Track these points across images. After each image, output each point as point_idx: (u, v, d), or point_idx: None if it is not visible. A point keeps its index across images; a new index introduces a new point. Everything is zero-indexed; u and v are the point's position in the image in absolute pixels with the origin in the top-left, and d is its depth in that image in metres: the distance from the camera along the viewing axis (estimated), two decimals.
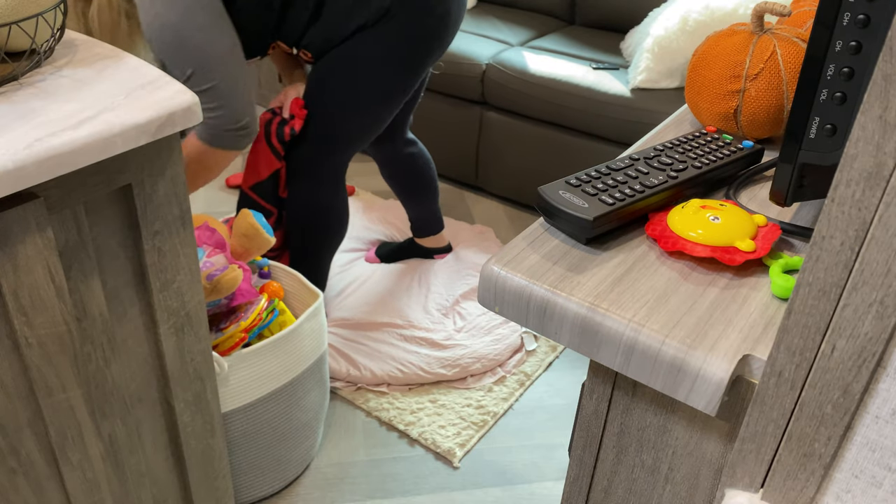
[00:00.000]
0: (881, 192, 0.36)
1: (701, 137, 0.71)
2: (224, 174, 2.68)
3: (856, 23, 0.49)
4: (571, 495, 0.68)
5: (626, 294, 0.54)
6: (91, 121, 0.78)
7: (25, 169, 0.72)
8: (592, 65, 2.32)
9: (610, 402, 0.61)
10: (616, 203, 0.60)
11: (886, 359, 0.40)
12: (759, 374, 0.49)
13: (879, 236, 0.37)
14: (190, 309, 1.00)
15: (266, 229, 1.39)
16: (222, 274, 1.24)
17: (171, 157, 0.88)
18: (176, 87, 0.86)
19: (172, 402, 1.04)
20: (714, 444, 0.56)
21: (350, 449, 1.63)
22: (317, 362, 1.44)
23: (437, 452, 1.63)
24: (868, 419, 0.42)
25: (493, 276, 0.57)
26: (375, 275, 2.13)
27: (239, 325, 1.29)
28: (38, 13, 0.82)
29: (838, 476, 0.45)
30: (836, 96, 0.52)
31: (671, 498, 0.61)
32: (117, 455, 0.99)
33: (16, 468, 0.87)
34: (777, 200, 0.59)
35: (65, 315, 0.83)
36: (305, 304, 1.51)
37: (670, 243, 0.58)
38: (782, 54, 0.71)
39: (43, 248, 0.78)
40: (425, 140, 2.61)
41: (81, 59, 0.92)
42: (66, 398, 0.87)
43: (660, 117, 2.10)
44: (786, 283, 0.53)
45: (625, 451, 0.62)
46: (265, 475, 1.46)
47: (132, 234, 0.90)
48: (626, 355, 0.52)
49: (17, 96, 0.82)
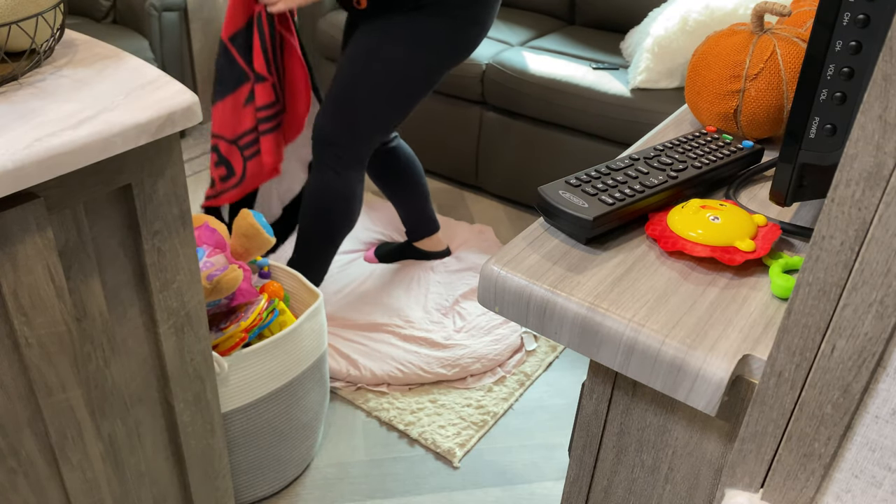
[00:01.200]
0: (881, 191, 0.36)
1: (701, 137, 0.71)
2: None
3: (856, 22, 0.49)
4: (571, 495, 0.68)
5: (626, 294, 0.54)
6: (91, 121, 0.78)
7: (25, 169, 0.72)
8: (592, 65, 2.32)
9: (610, 402, 0.61)
10: (616, 203, 0.60)
11: (886, 358, 0.40)
12: (759, 373, 0.49)
13: (879, 236, 0.37)
14: (190, 309, 1.00)
15: (266, 229, 1.39)
16: (222, 274, 1.24)
17: (170, 156, 0.88)
18: (176, 87, 0.86)
19: (172, 401, 1.04)
20: (714, 444, 0.56)
21: (350, 449, 1.63)
22: (317, 362, 1.44)
23: (437, 452, 1.63)
24: (868, 419, 0.42)
25: (493, 276, 0.57)
26: (375, 275, 2.13)
27: (239, 325, 1.29)
28: (37, 13, 0.82)
29: (838, 476, 0.45)
30: (836, 96, 0.52)
31: (671, 498, 0.61)
32: (117, 455, 0.99)
33: (16, 468, 0.87)
34: (777, 200, 0.59)
35: (64, 315, 0.83)
36: (305, 304, 1.51)
37: (670, 243, 0.58)
38: (782, 54, 0.71)
39: (43, 248, 0.78)
40: (425, 140, 2.61)
41: (81, 59, 0.92)
42: (65, 398, 0.87)
43: (660, 117, 2.10)
44: (786, 283, 0.53)
45: (625, 451, 0.62)
46: (265, 475, 1.46)
47: (132, 234, 0.90)
48: (626, 355, 0.52)
49: (16, 96, 0.82)
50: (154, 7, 2.55)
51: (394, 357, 1.82)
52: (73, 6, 2.75)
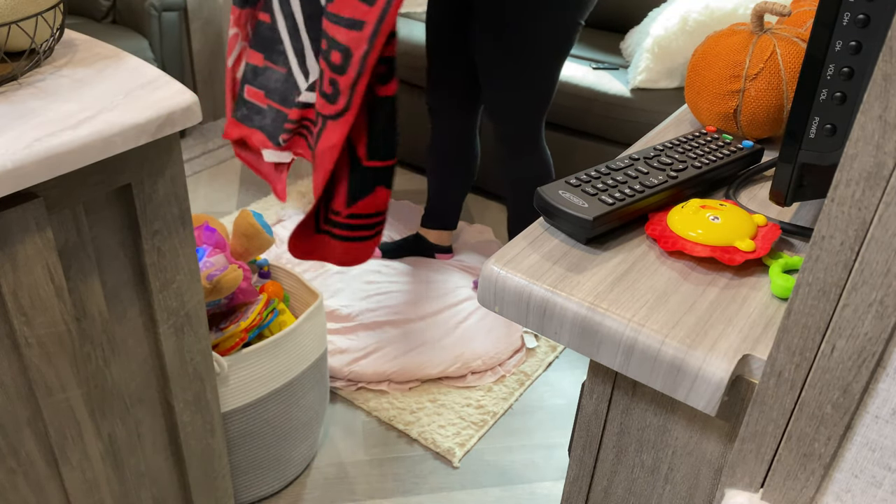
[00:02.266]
0: (881, 191, 0.36)
1: (701, 137, 0.71)
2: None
3: (855, 22, 0.49)
4: (571, 495, 0.68)
5: (626, 294, 0.54)
6: (90, 121, 0.78)
7: (25, 169, 0.72)
8: (592, 65, 2.32)
9: (610, 401, 0.61)
10: (616, 203, 0.60)
11: (886, 358, 0.39)
12: (758, 373, 0.49)
13: (879, 236, 0.37)
14: (189, 309, 1.00)
15: (266, 229, 1.38)
16: (222, 274, 1.24)
17: (170, 156, 0.88)
18: (175, 87, 0.86)
19: (172, 401, 1.03)
20: (714, 444, 0.56)
21: (350, 449, 1.63)
22: (316, 362, 1.44)
23: (436, 452, 1.63)
24: (868, 419, 0.42)
25: (493, 276, 0.57)
26: (376, 274, 2.13)
27: (239, 324, 1.29)
28: (37, 13, 0.82)
29: (838, 476, 0.45)
30: (836, 96, 0.52)
31: (671, 498, 0.61)
32: (117, 455, 0.99)
33: (15, 468, 0.87)
34: (777, 200, 0.59)
35: (64, 315, 0.83)
36: (305, 304, 1.51)
37: (670, 243, 0.58)
38: (782, 54, 0.71)
39: (42, 248, 0.78)
40: (425, 140, 2.60)
41: (81, 59, 0.92)
42: (65, 398, 0.87)
43: (660, 117, 2.10)
44: (786, 283, 0.53)
45: (624, 451, 0.62)
46: (265, 475, 1.46)
47: (132, 233, 0.90)
48: (626, 355, 0.52)
49: (16, 96, 0.82)
50: (154, 7, 2.55)
51: (394, 356, 1.82)
52: (73, 6, 2.75)
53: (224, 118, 3.04)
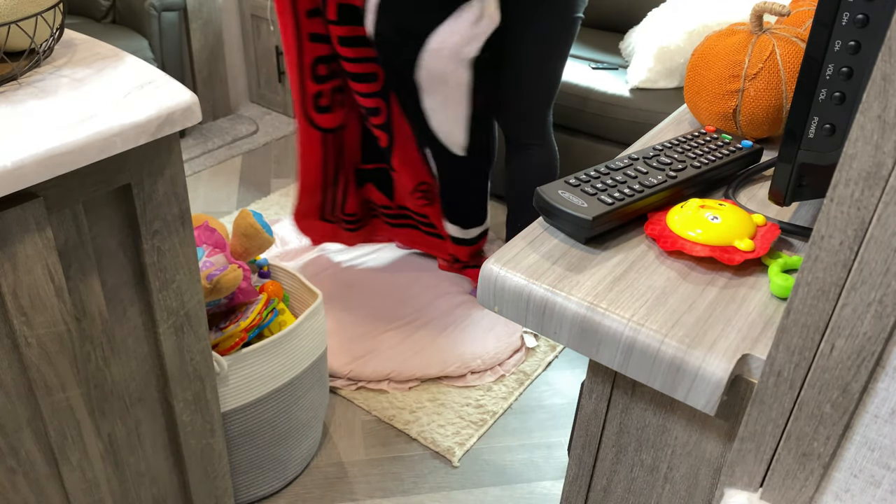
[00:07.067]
0: (880, 191, 0.36)
1: (700, 137, 0.71)
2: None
3: (855, 22, 0.49)
4: (571, 495, 0.68)
5: (626, 293, 0.54)
6: (90, 120, 0.78)
7: (25, 169, 0.72)
8: (592, 65, 2.32)
9: (609, 401, 0.61)
10: (615, 203, 0.60)
11: (885, 358, 0.40)
12: (758, 373, 0.49)
13: (878, 236, 0.37)
14: (189, 308, 1.00)
15: (266, 229, 1.38)
16: (222, 274, 1.24)
17: (170, 156, 0.88)
18: (175, 87, 0.86)
19: (172, 401, 1.04)
20: (713, 444, 0.56)
21: (350, 448, 1.63)
22: (316, 362, 1.44)
23: (436, 451, 1.63)
24: (867, 418, 0.42)
25: (493, 276, 0.57)
26: (375, 274, 2.13)
27: (238, 324, 1.29)
28: (37, 13, 0.82)
29: (837, 475, 0.45)
30: (835, 96, 0.52)
31: (670, 497, 0.61)
32: (117, 455, 0.99)
33: (15, 468, 0.87)
34: (776, 200, 0.59)
35: (64, 315, 0.83)
36: (305, 304, 1.51)
37: (669, 243, 0.58)
38: (781, 54, 0.71)
39: (42, 248, 0.78)
40: None
41: (81, 59, 0.92)
42: (65, 398, 0.87)
43: (659, 117, 2.10)
44: (785, 283, 0.53)
45: (624, 451, 0.62)
46: (265, 474, 1.46)
47: (131, 233, 0.90)
48: (626, 355, 0.52)
49: (16, 96, 0.82)
50: (154, 7, 2.55)
51: (394, 356, 1.82)
52: (73, 6, 2.75)
53: (223, 117, 3.03)
